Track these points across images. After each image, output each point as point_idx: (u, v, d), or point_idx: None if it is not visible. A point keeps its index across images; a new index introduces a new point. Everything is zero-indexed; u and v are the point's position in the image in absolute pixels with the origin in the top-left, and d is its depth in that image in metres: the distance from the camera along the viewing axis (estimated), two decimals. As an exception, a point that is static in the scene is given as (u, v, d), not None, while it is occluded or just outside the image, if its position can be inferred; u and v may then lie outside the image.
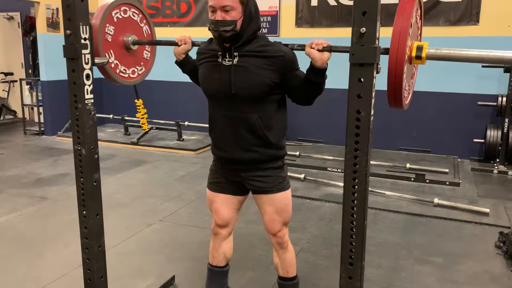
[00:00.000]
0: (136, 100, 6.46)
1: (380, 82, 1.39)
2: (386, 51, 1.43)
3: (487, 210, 3.78)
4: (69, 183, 4.59)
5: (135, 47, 2.21)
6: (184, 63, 2.16)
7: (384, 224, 3.63)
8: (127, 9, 2.15)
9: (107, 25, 2.02)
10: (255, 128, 1.93)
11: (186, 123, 6.74)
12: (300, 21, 6.40)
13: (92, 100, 1.79)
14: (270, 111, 1.96)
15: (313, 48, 1.78)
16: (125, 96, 7.02)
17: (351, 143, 1.39)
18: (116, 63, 2.12)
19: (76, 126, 1.78)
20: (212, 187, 2.17)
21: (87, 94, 1.76)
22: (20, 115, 8.17)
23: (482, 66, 5.29)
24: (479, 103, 5.43)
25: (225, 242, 2.22)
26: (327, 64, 1.83)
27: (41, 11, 6.80)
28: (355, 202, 1.42)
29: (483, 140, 5.42)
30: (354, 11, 1.31)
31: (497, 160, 5.30)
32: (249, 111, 1.92)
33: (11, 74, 8.77)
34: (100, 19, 1.97)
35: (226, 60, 1.91)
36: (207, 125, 2.13)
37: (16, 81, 8.51)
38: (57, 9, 6.94)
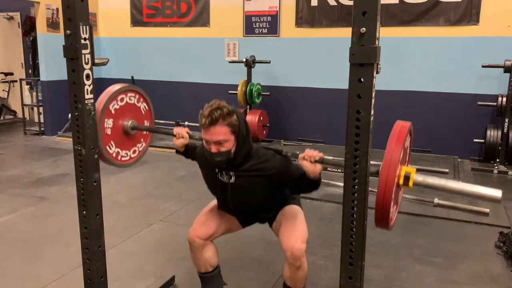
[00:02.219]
0: (136, 100, 6.46)
1: (380, 82, 1.39)
2: (377, 173, 1.49)
3: (487, 210, 3.78)
4: (69, 183, 4.59)
5: (134, 131, 2.21)
6: (185, 154, 2.27)
7: (384, 224, 3.63)
8: (124, 96, 2.14)
9: (106, 119, 2.04)
10: (263, 215, 2.21)
11: (186, 123, 6.74)
12: (300, 21, 6.40)
13: (92, 100, 1.79)
14: (273, 201, 2.16)
15: (306, 159, 1.80)
16: (125, 96, 7.02)
17: (351, 143, 1.39)
18: (117, 151, 2.15)
19: (76, 126, 1.78)
20: None
21: (87, 94, 1.76)
22: (20, 115, 8.17)
23: (482, 66, 5.29)
24: (479, 103, 5.42)
25: (205, 251, 2.20)
26: (319, 174, 1.86)
27: (41, 11, 6.80)
28: (355, 202, 1.42)
29: (483, 140, 5.42)
30: (354, 11, 1.30)
31: (497, 160, 5.30)
32: (254, 211, 2.19)
33: (11, 74, 8.77)
34: (99, 119, 1.96)
35: (224, 177, 2.04)
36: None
37: (16, 81, 8.51)
38: (57, 9, 6.93)
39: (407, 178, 1.51)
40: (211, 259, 2.21)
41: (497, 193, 1.50)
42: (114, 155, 2.12)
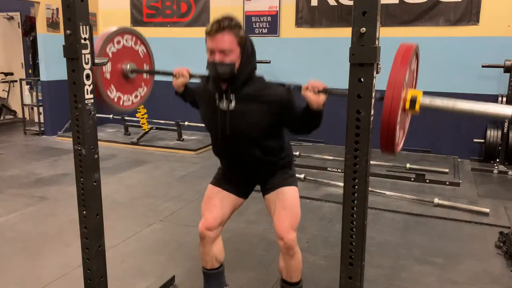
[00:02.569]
0: (136, 100, 6.46)
1: (380, 82, 1.39)
2: (381, 99, 1.45)
3: (487, 210, 3.78)
4: (69, 183, 4.59)
5: (133, 75, 2.18)
6: (184, 95, 2.21)
7: (384, 224, 3.63)
8: (120, 38, 2.11)
9: None
10: (260, 159, 2.06)
11: (186, 123, 6.74)
12: (300, 21, 6.40)
13: (92, 100, 1.79)
14: (271, 141, 2.05)
15: (309, 90, 1.78)
16: (125, 96, 7.02)
17: (351, 143, 1.39)
18: (119, 95, 2.12)
19: (76, 126, 1.78)
20: (219, 183, 2.20)
21: (87, 94, 1.76)
22: (20, 115, 8.18)
23: (482, 66, 5.29)
24: (479, 103, 5.42)
25: (215, 245, 2.19)
26: (323, 106, 1.83)
27: (41, 11, 6.80)
28: (355, 202, 1.42)
29: (483, 140, 5.42)
30: (354, 11, 1.31)
31: (497, 160, 5.30)
32: (251, 148, 2.03)
33: (11, 74, 8.77)
34: None
35: (224, 103, 1.96)
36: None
37: (16, 81, 8.51)
38: (57, 9, 6.94)
39: (413, 101, 1.45)
40: (218, 254, 2.22)
41: (507, 109, 1.42)
42: (115, 99, 2.10)
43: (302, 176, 4.72)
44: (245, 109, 1.93)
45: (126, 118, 6.98)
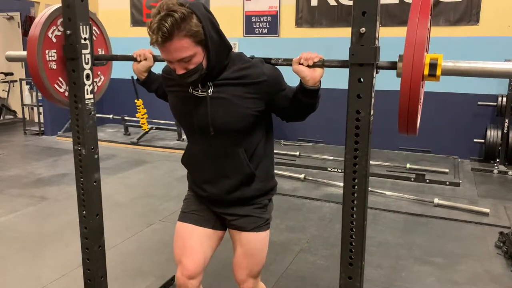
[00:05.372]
0: (136, 100, 6.46)
1: (380, 82, 1.39)
2: (392, 66, 1.31)
3: (487, 210, 3.79)
4: (69, 183, 4.59)
5: None
6: (147, 82, 1.84)
7: (384, 224, 3.63)
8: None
9: (47, 51, 1.73)
10: (241, 165, 1.65)
11: (186, 123, 6.74)
12: (300, 21, 6.40)
13: (92, 100, 1.79)
14: (256, 142, 1.68)
15: (302, 64, 1.47)
16: (125, 96, 7.02)
17: (351, 143, 1.39)
18: None
19: (76, 126, 1.78)
20: (190, 218, 1.79)
21: (87, 94, 1.76)
22: (20, 115, 8.17)
23: (482, 66, 5.29)
24: (479, 103, 5.43)
25: None
26: (320, 82, 1.51)
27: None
28: (355, 202, 1.42)
29: (483, 140, 5.42)
30: (354, 11, 1.31)
31: (497, 160, 5.30)
32: (233, 146, 1.63)
33: (11, 74, 8.77)
34: (36, 50, 1.68)
35: (199, 90, 1.58)
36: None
37: (16, 81, 8.50)
38: (57, 9, 6.94)
39: (433, 65, 1.20)
40: None
41: None
42: (66, 93, 1.80)
43: (302, 176, 4.72)
44: (227, 95, 1.56)
45: (126, 118, 6.99)
